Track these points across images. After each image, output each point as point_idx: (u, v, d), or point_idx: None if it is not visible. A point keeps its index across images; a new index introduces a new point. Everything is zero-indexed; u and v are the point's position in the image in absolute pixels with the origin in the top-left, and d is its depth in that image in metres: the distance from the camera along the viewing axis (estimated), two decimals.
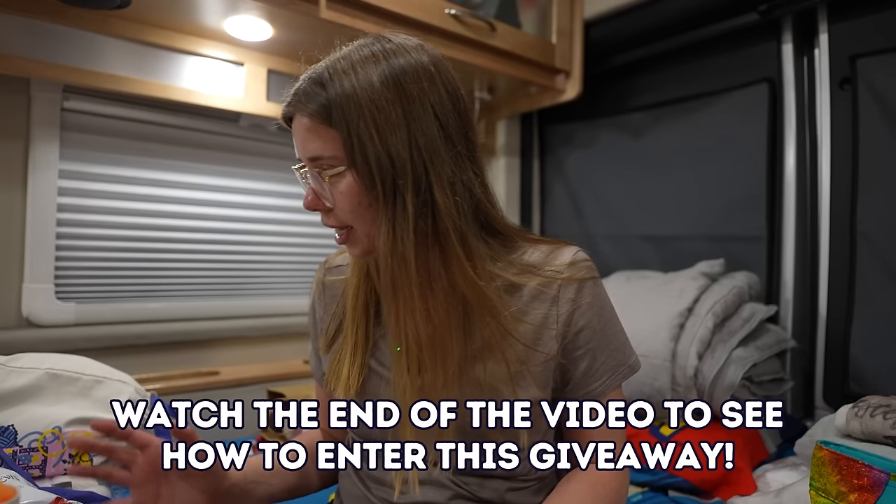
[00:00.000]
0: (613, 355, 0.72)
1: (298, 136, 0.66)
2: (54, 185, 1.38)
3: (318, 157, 0.64)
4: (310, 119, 0.64)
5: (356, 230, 0.67)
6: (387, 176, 0.62)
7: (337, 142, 0.63)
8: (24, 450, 1.02)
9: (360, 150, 0.61)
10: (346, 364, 0.73)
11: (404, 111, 0.62)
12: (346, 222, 0.67)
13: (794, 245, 1.53)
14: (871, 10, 1.37)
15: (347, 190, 0.64)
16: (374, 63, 0.64)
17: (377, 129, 0.61)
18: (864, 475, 0.78)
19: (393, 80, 0.63)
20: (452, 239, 0.64)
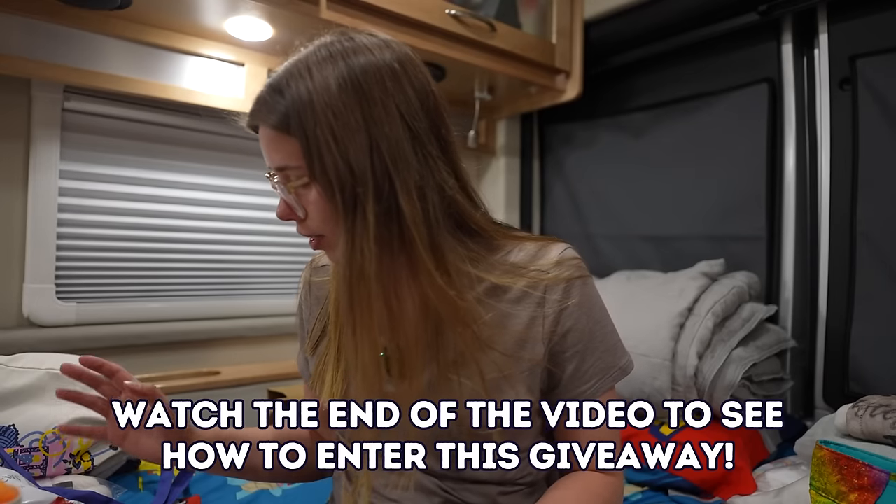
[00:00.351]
0: (603, 357, 0.69)
1: (263, 146, 0.64)
2: (55, 185, 1.38)
3: (284, 167, 0.62)
4: (271, 129, 0.61)
5: (329, 238, 0.65)
6: (346, 185, 0.58)
7: (297, 151, 0.60)
8: (25, 450, 1.03)
9: (319, 159, 0.59)
10: (331, 369, 0.72)
11: (364, 115, 0.59)
12: (317, 231, 0.65)
13: (794, 245, 1.53)
14: (871, 10, 1.37)
15: (316, 200, 0.61)
16: (332, 64, 0.60)
17: (334, 136, 0.58)
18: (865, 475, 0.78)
19: (352, 83, 0.59)
20: (419, 247, 0.60)
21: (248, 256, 1.75)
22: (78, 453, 1.08)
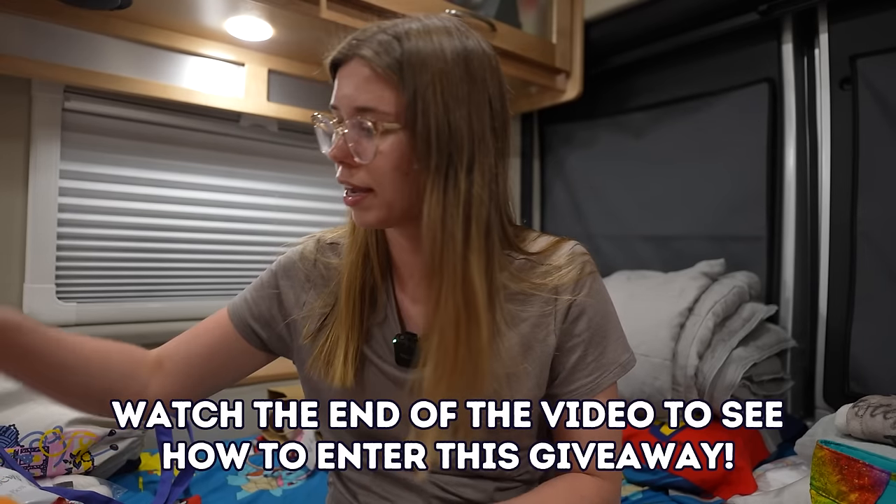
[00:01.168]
0: (605, 353, 0.71)
1: (350, 82, 0.63)
2: (55, 185, 1.38)
3: (371, 108, 0.62)
4: (374, 69, 0.61)
5: (377, 195, 0.64)
6: (444, 147, 0.61)
7: (397, 99, 0.61)
8: (25, 450, 1.03)
9: (424, 114, 0.61)
10: (341, 351, 0.71)
11: (469, 91, 0.63)
12: (369, 184, 0.64)
13: (794, 245, 1.53)
14: (872, 10, 1.37)
15: (391, 150, 0.62)
16: (448, 37, 0.63)
17: (443, 99, 0.61)
18: (865, 475, 0.78)
19: (463, 58, 0.63)
20: (476, 228, 0.63)
21: (248, 256, 1.75)
22: (78, 453, 1.08)
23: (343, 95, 0.64)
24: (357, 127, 0.63)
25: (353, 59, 0.63)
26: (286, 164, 1.80)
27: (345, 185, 0.66)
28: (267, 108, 1.63)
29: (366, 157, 0.62)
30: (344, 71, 0.65)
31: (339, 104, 0.65)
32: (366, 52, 0.62)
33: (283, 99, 1.67)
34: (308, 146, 1.83)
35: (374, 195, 0.65)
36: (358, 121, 0.62)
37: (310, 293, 0.78)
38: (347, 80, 0.64)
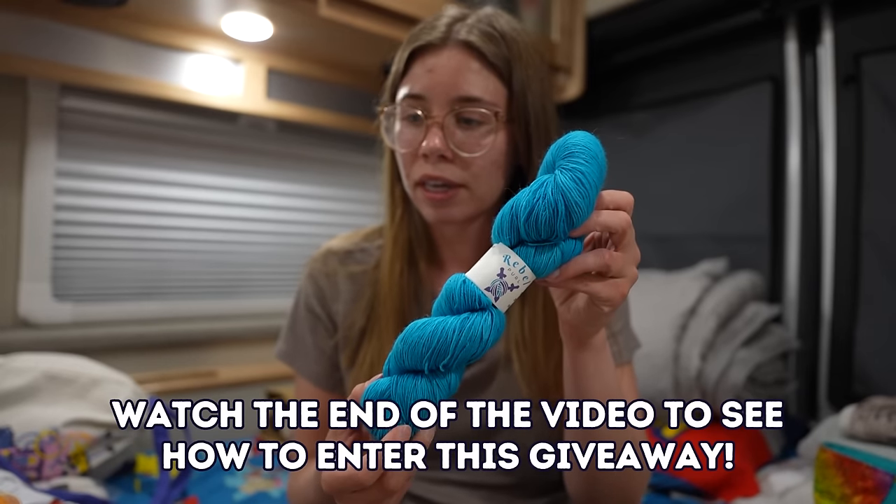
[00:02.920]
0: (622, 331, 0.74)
1: (449, 70, 0.60)
2: (51, 184, 1.37)
3: (477, 98, 0.60)
4: (478, 57, 0.60)
5: (471, 191, 0.62)
6: (542, 138, 0.62)
7: (499, 91, 0.61)
8: (20, 451, 1.02)
9: (524, 109, 0.62)
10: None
11: (549, 90, 0.66)
12: (465, 180, 0.61)
13: (797, 244, 1.52)
14: (876, 7, 1.36)
15: (495, 144, 0.61)
16: (526, 35, 0.64)
17: (541, 91, 0.63)
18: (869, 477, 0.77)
19: (541, 56, 0.65)
20: None
21: (246, 256, 1.74)
22: (74, 455, 1.07)
23: (436, 84, 0.61)
24: (457, 117, 0.60)
25: (448, 45, 0.61)
26: (284, 163, 1.79)
27: (434, 180, 0.62)
28: (265, 106, 1.62)
29: (474, 150, 0.61)
30: (434, 59, 0.61)
31: (427, 94, 0.61)
32: (470, 38, 0.60)
33: (282, 97, 1.66)
34: (307, 145, 1.82)
35: (466, 191, 0.62)
36: (461, 110, 0.60)
37: (339, 307, 0.74)
38: (443, 69, 0.61)
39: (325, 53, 1.61)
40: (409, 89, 0.62)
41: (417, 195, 0.64)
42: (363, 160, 1.94)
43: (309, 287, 0.75)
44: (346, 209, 1.94)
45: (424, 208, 0.65)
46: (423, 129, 0.61)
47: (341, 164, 1.91)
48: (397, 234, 0.70)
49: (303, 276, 0.77)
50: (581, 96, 1.80)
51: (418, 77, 0.62)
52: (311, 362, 0.75)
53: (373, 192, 2.12)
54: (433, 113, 0.61)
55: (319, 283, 0.75)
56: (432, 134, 0.60)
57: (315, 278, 0.75)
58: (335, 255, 0.75)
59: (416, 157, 0.62)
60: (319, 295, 0.74)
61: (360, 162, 1.94)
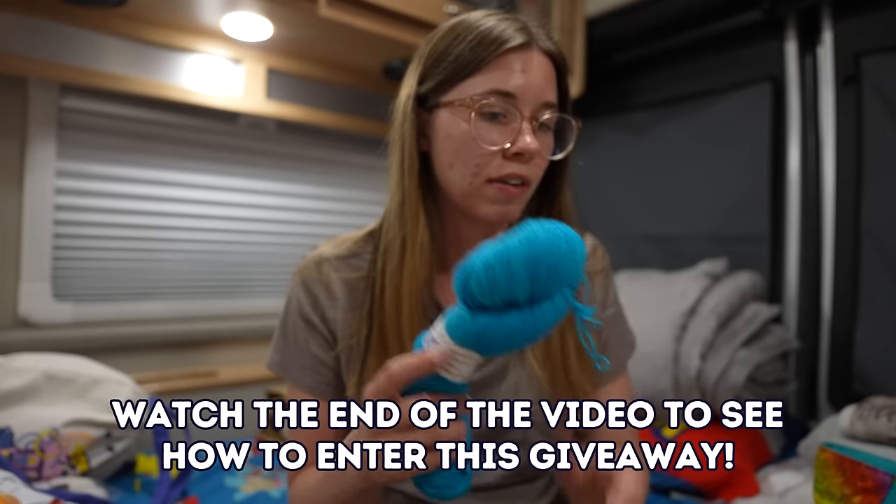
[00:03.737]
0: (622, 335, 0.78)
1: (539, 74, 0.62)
2: (51, 184, 1.37)
3: (554, 106, 0.64)
4: (557, 68, 0.65)
5: (530, 188, 0.66)
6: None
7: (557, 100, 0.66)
8: (20, 451, 1.02)
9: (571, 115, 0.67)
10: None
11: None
12: (531, 179, 0.64)
13: (797, 244, 1.52)
14: (876, 7, 1.36)
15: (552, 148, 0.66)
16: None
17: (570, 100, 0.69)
18: (868, 477, 0.76)
19: None
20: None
21: (246, 256, 1.74)
22: (74, 455, 1.07)
23: (529, 85, 0.61)
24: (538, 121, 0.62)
25: (539, 50, 0.63)
26: (284, 163, 1.79)
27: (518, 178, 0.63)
28: (265, 106, 1.62)
29: (549, 153, 0.65)
30: (525, 59, 0.62)
31: (520, 93, 0.61)
32: (555, 50, 0.65)
33: (282, 97, 1.66)
34: (307, 145, 1.82)
35: (528, 187, 0.65)
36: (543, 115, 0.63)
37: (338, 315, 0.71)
38: (534, 72, 0.62)
39: (325, 54, 1.61)
40: (500, 85, 0.61)
41: (487, 192, 0.63)
42: (363, 160, 1.94)
43: (303, 295, 0.72)
44: (346, 209, 1.94)
45: (489, 206, 0.64)
46: (511, 129, 0.61)
47: (341, 164, 1.91)
48: (422, 239, 0.66)
49: (293, 283, 0.74)
50: (581, 96, 1.80)
51: (510, 75, 0.61)
52: (309, 373, 0.72)
53: (374, 192, 2.13)
54: (525, 113, 0.62)
55: (314, 290, 0.72)
56: (527, 133, 0.61)
57: (309, 286, 0.72)
58: (329, 262, 0.73)
59: (495, 154, 0.62)
60: (314, 303, 0.72)
61: (360, 162, 1.94)
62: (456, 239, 0.71)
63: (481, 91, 0.61)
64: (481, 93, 0.61)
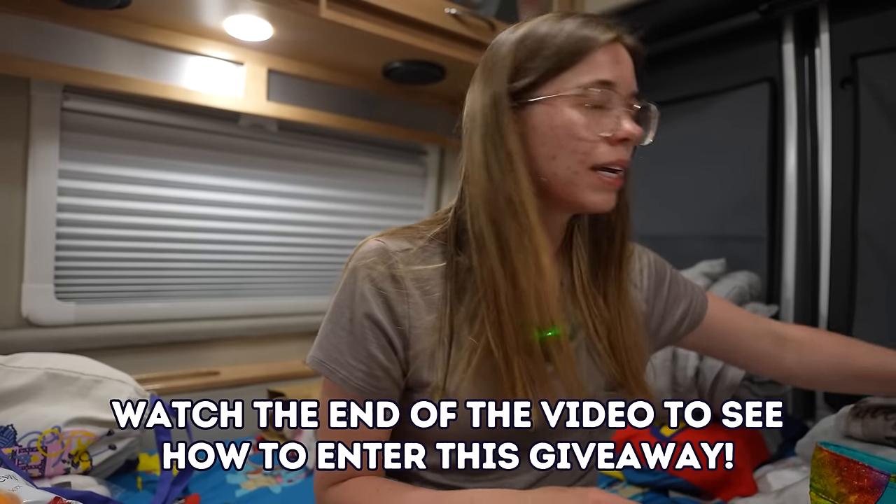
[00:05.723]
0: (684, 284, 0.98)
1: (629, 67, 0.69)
2: (54, 184, 1.38)
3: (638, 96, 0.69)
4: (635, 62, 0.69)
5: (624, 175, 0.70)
6: None
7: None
8: (23, 450, 1.02)
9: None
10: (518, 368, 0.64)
11: None
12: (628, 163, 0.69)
13: (795, 245, 1.52)
14: (873, 9, 1.37)
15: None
16: None
17: None
18: (865, 476, 0.77)
19: None
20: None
21: (247, 256, 1.75)
22: (76, 453, 1.08)
23: (624, 76, 0.67)
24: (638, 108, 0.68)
25: (624, 46, 0.68)
26: (285, 164, 1.80)
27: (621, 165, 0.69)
28: (266, 107, 1.62)
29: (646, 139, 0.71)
30: (619, 52, 0.67)
31: (619, 82, 0.66)
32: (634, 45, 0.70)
33: (283, 98, 1.67)
34: (308, 146, 1.83)
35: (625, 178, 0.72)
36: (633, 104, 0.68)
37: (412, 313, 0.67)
38: (626, 65, 0.68)
39: (325, 55, 1.62)
40: (602, 76, 0.65)
41: (590, 180, 0.66)
42: (365, 161, 1.95)
43: (369, 292, 0.66)
44: (347, 210, 1.95)
45: (597, 195, 0.67)
46: (612, 116, 0.66)
47: (342, 164, 1.92)
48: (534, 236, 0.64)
49: (355, 278, 0.67)
50: None
51: (607, 65, 0.65)
52: (361, 374, 0.67)
53: (375, 193, 2.13)
54: (624, 100, 0.67)
55: (382, 287, 0.66)
56: (629, 119, 0.67)
57: (376, 282, 0.66)
58: (397, 255, 0.67)
59: (600, 141, 0.66)
60: (384, 302, 0.66)
61: (362, 163, 1.95)
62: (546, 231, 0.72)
63: (587, 81, 0.64)
64: (587, 83, 0.64)
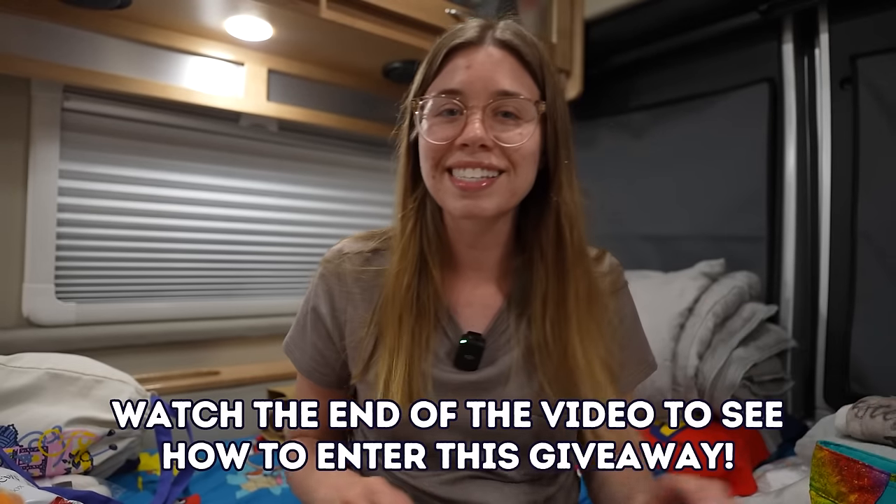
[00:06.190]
0: (638, 351, 0.78)
1: (488, 67, 0.64)
2: (55, 184, 1.38)
3: (516, 94, 0.63)
4: (516, 56, 0.65)
5: (510, 178, 0.64)
6: (566, 144, 0.68)
7: (533, 89, 0.66)
8: (24, 449, 1.02)
9: (558, 110, 0.67)
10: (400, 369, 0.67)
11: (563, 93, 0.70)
12: (506, 166, 0.64)
13: (794, 245, 1.53)
14: (872, 9, 1.37)
15: (533, 137, 0.65)
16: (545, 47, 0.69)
17: (563, 102, 0.69)
18: (865, 475, 0.77)
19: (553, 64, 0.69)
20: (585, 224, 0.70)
21: (247, 256, 1.75)
22: (77, 453, 1.08)
23: (476, 79, 0.63)
24: (495, 111, 0.64)
25: (487, 44, 0.65)
26: (286, 164, 1.80)
27: (475, 167, 0.64)
28: (267, 107, 1.62)
29: (510, 141, 0.63)
30: (472, 56, 0.65)
31: (465, 88, 0.64)
32: (508, 38, 0.65)
33: (283, 99, 1.67)
34: (308, 146, 1.83)
35: (507, 177, 0.64)
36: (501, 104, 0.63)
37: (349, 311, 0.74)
38: (481, 65, 0.64)
39: (326, 55, 1.62)
40: (446, 85, 0.65)
41: (445, 185, 0.65)
42: (364, 161, 1.95)
43: (319, 287, 0.75)
44: (347, 210, 1.95)
45: (453, 201, 0.65)
46: (461, 122, 0.64)
47: (342, 165, 1.92)
48: (407, 245, 0.70)
49: (315, 275, 0.77)
50: (579, 98, 1.81)
51: (455, 73, 0.64)
52: (307, 359, 0.78)
53: (375, 193, 2.13)
54: (474, 105, 0.64)
55: (329, 284, 0.74)
56: (472, 123, 0.63)
57: (326, 279, 0.75)
58: (348, 257, 0.75)
59: (451, 147, 0.64)
60: (328, 297, 0.74)
61: (361, 163, 1.95)
62: (458, 239, 0.72)
63: (434, 92, 0.65)
64: (435, 94, 0.65)
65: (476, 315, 0.72)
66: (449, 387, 0.70)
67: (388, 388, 0.67)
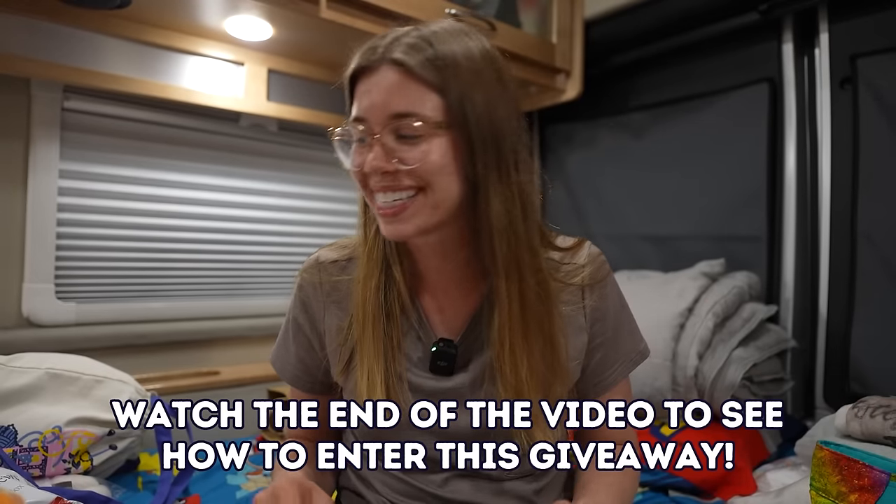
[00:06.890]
0: (627, 342, 0.76)
1: (381, 90, 0.61)
2: (54, 184, 1.38)
3: (410, 113, 0.59)
4: (407, 73, 0.60)
5: (427, 196, 0.61)
6: (491, 146, 0.61)
7: (433, 101, 0.60)
8: (24, 449, 1.02)
9: (471, 113, 0.60)
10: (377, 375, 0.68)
11: (501, 90, 0.63)
12: (420, 184, 0.61)
13: (794, 245, 1.53)
14: (872, 9, 1.37)
15: (440, 151, 0.60)
16: (468, 37, 0.63)
17: (483, 97, 0.61)
18: (865, 475, 0.77)
19: (490, 58, 0.64)
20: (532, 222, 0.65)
21: (248, 256, 1.75)
22: (77, 453, 1.08)
23: (373, 105, 0.61)
24: (395, 133, 0.60)
25: (382, 65, 0.61)
26: (286, 164, 1.80)
27: (388, 191, 0.62)
28: (266, 107, 1.62)
29: (411, 162, 0.60)
30: (370, 80, 0.62)
31: (367, 115, 0.62)
32: (397, 56, 0.60)
33: (283, 98, 1.67)
34: (308, 146, 1.83)
35: (423, 196, 0.62)
36: (397, 126, 0.60)
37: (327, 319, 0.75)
38: (377, 89, 0.61)
39: (326, 55, 1.62)
40: (354, 112, 0.64)
41: (374, 208, 0.65)
42: None
43: (297, 297, 0.78)
44: (347, 210, 1.95)
45: (381, 224, 0.65)
46: (365, 149, 0.63)
47: (342, 165, 1.92)
48: (371, 250, 0.71)
49: (294, 285, 0.79)
50: (579, 98, 1.81)
51: (361, 99, 0.63)
52: (291, 367, 0.81)
53: None
54: (374, 132, 0.61)
55: (307, 293, 0.76)
56: (372, 152, 0.61)
57: (303, 289, 0.77)
58: (323, 266, 0.76)
59: (363, 175, 0.64)
60: (306, 306, 0.77)
61: None
62: (414, 247, 0.71)
63: (350, 120, 0.64)
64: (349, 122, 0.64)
65: (448, 321, 0.72)
66: (424, 392, 0.70)
67: (364, 391, 0.68)
